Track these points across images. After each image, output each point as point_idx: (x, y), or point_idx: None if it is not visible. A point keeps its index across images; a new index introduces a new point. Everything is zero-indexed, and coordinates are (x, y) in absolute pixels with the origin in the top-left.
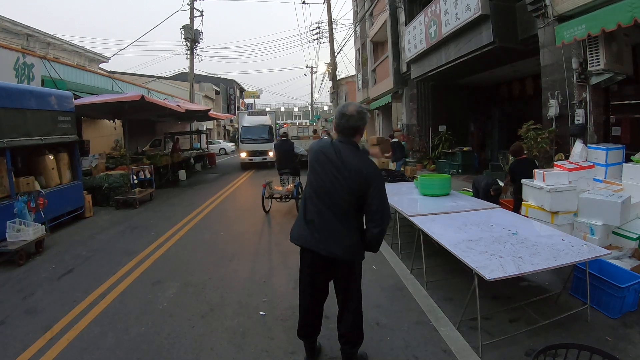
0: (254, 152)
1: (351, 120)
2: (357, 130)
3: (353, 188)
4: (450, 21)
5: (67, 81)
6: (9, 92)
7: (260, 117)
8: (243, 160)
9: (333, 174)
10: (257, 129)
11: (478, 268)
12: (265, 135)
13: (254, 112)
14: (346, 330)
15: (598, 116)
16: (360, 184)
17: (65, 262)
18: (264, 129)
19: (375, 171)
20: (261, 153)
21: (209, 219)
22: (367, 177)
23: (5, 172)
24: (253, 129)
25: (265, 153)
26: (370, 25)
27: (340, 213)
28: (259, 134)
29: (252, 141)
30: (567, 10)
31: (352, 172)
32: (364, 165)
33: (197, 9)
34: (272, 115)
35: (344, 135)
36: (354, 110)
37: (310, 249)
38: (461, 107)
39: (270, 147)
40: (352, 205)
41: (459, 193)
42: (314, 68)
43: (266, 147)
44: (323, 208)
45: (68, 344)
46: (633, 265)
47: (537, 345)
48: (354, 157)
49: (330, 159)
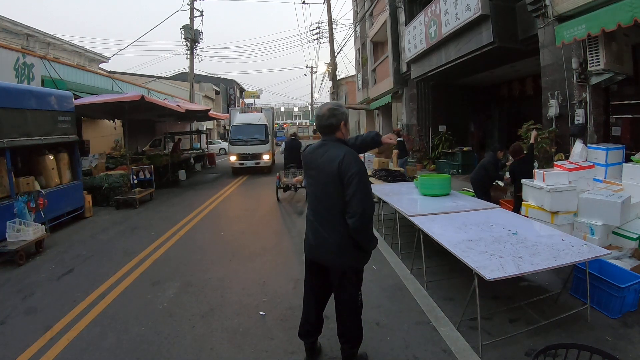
0: (245, 155)
1: (323, 119)
2: (332, 128)
3: (329, 177)
4: (450, 21)
5: (67, 81)
6: (9, 92)
7: (254, 115)
8: (232, 164)
9: (317, 175)
10: (249, 129)
11: (478, 268)
12: (260, 135)
13: (247, 109)
14: (344, 330)
15: (598, 116)
16: (336, 170)
17: (65, 262)
18: (258, 129)
19: (353, 157)
20: (254, 156)
21: (209, 219)
22: (341, 163)
23: (5, 172)
24: (245, 128)
25: (258, 156)
26: (370, 25)
27: (328, 217)
28: (251, 134)
29: (244, 142)
30: (567, 10)
31: (328, 160)
32: (340, 152)
33: (197, 9)
34: (268, 112)
35: (324, 135)
36: (326, 110)
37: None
38: (461, 107)
39: (265, 149)
40: (338, 206)
41: (459, 193)
42: (314, 68)
43: (260, 150)
44: (314, 214)
45: (68, 344)
46: (633, 265)
47: (537, 345)
48: (334, 149)
49: (315, 159)
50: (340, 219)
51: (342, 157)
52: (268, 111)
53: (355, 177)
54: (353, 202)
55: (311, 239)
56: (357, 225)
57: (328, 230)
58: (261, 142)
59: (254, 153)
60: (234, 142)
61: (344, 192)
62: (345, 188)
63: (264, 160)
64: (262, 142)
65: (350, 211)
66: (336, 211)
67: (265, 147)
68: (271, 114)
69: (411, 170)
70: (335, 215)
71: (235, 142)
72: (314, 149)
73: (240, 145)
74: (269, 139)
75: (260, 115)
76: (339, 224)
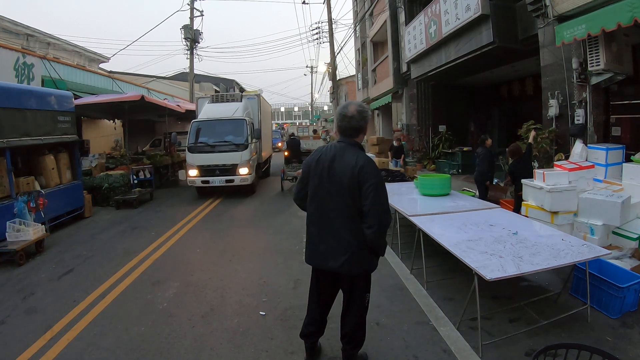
0: (211, 168)
1: (352, 121)
2: (360, 130)
3: (344, 183)
4: (450, 21)
5: (67, 81)
6: (9, 92)
7: (227, 106)
8: (192, 181)
9: (330, 179)
10: (219, 127)
11: (478, 268)
12: (236, 136)
13: (220, 97)
14: (348, 330)
15: (598, 116)
16: (353, 177)
17: (65, 262)
18: (233, 126)
19: (372, 168)
20: (224, 170)
21: (209, 219)
22: (360, 171)
23: (5, 172)
24: (212, 126)
25: (232, 170)
26: (370, 25)
27: (339, 222)
28: (222, 134)
29: (209, 148)
30: (567, 10)
31: (346, 167)
32: (359, 159)
33: (197, 9)
34: (252, 102)
35: (345, 137)
36: (355, 111)
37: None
38: (461, 107)
39: (242, 158)
40: (352, 212)
41: (459, 193)
42: (314, 68)
43: (234, 159)
44: (322, 219)
45: (68, 344)
46: (633, 265)
47: (537, 345)
48: (351, 155)
49: (330, 163)
50: (352, 225)
51: (362, 164)
52: (252, 100)
53: (374, 188)
54: (372, 214)
55: (318, 246)
56: (376, 236)
57: (339, 237)
58: (236, 147)
59: (224, 165)
60: (193, 148)
61: (361, 201)
62: (364, 198)
63: (241, 176)
64: (237, 147)
65: (368, 222)
66: (349, 217)
67: (243, 154)
68: (257, 104)
69: (411, 170)
70: (348, 221)
71: (195, 147)
72: (327, 152)
73: (203, 152)
74: (249, 142)
75: (237, 106)
76: (352, 230)
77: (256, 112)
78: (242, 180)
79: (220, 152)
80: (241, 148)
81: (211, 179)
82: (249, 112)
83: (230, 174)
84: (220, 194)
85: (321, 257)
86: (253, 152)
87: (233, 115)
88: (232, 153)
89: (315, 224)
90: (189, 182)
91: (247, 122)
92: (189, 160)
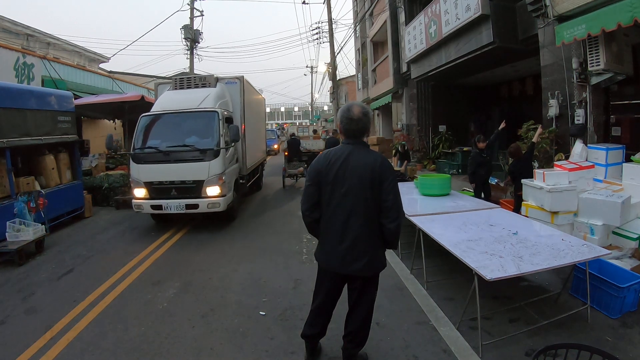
0: (165, 187)
1: (360, 123)
2: (367, 131)
3: (364, 179)
4: (450, 21)
5: (67, 81)
6: (9, 92)
7: (192, 93)
8: (137, 206)
9: (345, 181)
10: (177, 124)
11: (478, 268)
12: (203, 138)
13: (185, 83)
14: (353, 329)
15: (598, 116)
16: (374, 178)
17: (65, 262)
18: (200, 123)
19: (389, 166)
20: (184, 190)
21: (209, 219)
22: (381, 168)
23: (5, 172)
24: (168, 122)
25: (197, 190)
26: (370, 25)
27: (360, 223)
28: (180, 135)
29: (162, 157)
30: (567, 10)
31: (365, 164)
32: (377, 157)
33: (197, 9)
34: (231, 87)
35: (354, 138)
36: (360, 113)
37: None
38: (461, 107)
39: (211, 171)
40: (373, 212)
41: (459, 193)
42: (314, 68)
43: (198, 173)
44: (337, 221)
45: (68, 344)
46: (633, 265)
47: (537, 345)
48: (366, 154)
49: (343, 165)
50: (371, 225)
51: (381, 161)
52: (232, 85)
53: (394, 184)
54: (395, 208)
55: (336, 250)
56: (397, 229)
57: (359, 240)
58: (202, 154)
59: (183, 182)
60: (139, 156)
61: (382, 197)
62: (386, 194)
63: (210, 199)
64: (204, 155)
65: (391, 216)
66: (368, 218)
67: (211, 166)
68: (239, 91)
69: (411, 170)
70: (367, 222)
71: (141, 155)
72: (338, 155)
73: (152, 163)
74: (223, 145)
75: (207, 93)
76: (370, 231)
77: (237, 102)
78: (212, 205)
79: (178, 161)
80: (209, 156)
81: (165, 202)
82: (225, 101)
83: (192, 195)
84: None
85: (341, 261)
86: (230, 160)
87: (199, 107)
88: (196, 163)
89: (333, 228)
90: (135, 207)
91: (220, 117)
92: (133, 175)
